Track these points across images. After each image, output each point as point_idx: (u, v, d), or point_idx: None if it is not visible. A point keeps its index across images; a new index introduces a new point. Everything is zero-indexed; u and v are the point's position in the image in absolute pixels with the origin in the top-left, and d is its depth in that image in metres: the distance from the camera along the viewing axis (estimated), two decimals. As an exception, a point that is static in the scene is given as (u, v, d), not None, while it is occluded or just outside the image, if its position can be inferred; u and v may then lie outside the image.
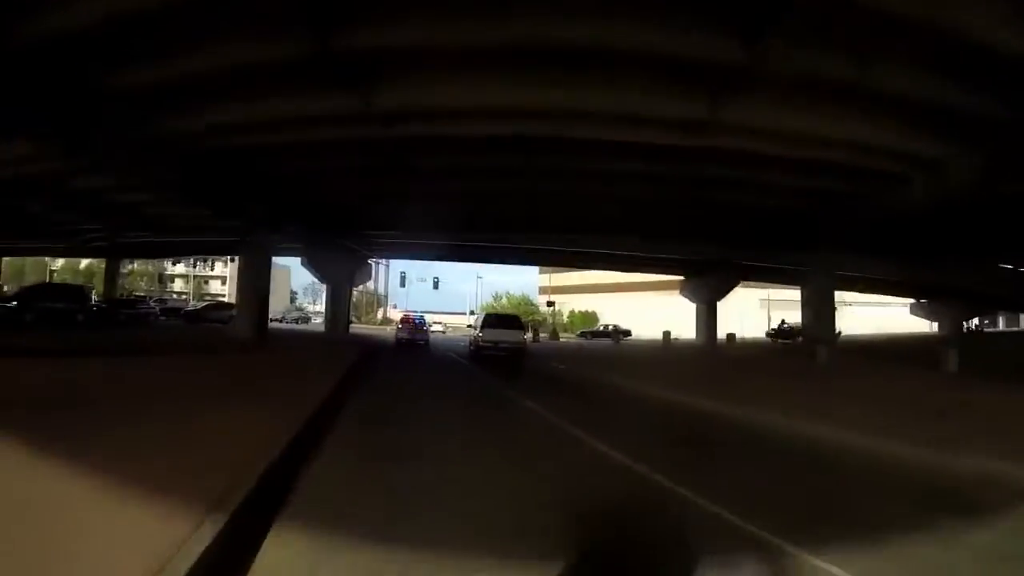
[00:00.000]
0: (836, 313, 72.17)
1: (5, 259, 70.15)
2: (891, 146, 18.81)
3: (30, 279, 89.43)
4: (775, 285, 60.78)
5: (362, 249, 42.23)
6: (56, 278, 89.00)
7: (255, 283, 28.78)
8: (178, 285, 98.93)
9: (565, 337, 63.35)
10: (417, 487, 6.29)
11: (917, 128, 17.41)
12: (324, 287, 46.93)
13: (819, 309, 31.56)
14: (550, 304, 66.15)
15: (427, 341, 39.14)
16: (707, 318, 46.55)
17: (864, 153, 19.38)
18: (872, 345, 43.23)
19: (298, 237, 36.10)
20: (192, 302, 67.46)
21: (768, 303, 70.66)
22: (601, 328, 65.29)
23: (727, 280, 45.09)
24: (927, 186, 20.66)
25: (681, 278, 50.68)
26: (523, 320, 35.86)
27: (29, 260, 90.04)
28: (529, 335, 40.97)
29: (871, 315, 75.53)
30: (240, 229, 29.15)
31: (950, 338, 31.56)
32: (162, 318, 45.63)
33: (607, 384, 18.22)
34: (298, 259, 44.12)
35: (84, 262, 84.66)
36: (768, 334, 57.32)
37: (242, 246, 29.98)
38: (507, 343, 27.26)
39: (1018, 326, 76.38)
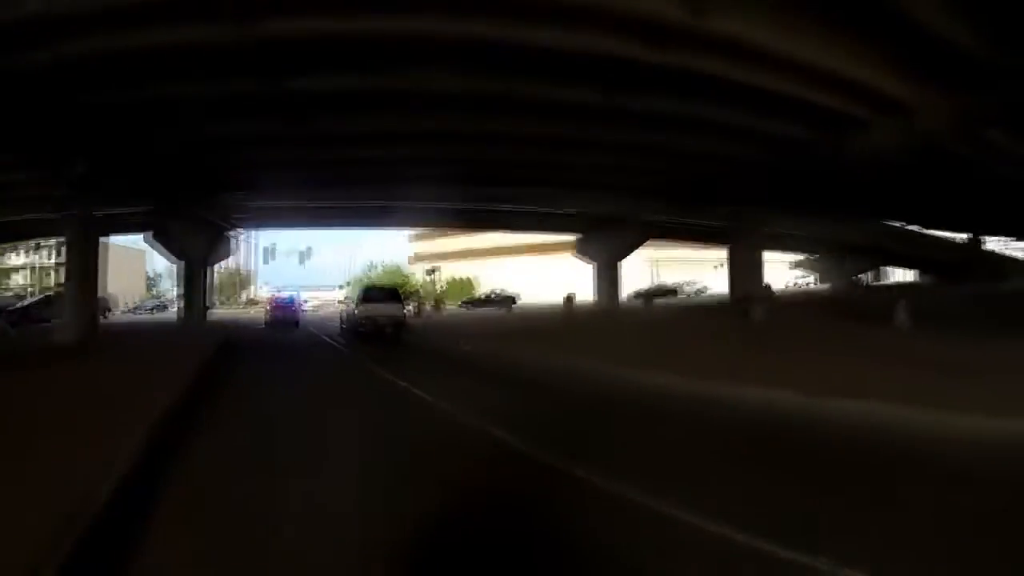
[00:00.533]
0: (718, 271, 73.28)
1: None
2: (863, 80, 16.43)
3: None
4: (683, 243, 59.44)
5: (219, 220, 36.19)
6: None
7: (78, 268, 23.36)
8: (20, 278, 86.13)
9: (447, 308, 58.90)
10: None
11: (897, 62, 15.65)
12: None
13: (747, 267, 29.51)
14: (430, 272, 61.68)
15: (298, 322, 37.03)
16: (607, 279, 42.81)
17: (829, 88, 16.94)
18: (791, 301, 41.95)
19: (137, 204, 29.73)
20: (28, 299, 56.84)
21: (655, 263, 68.94)
22: (484, 296, 61.45)
23: (632, 237, 41.50)
24: (886, 133, 18.90)
25: (574, 237, 47.69)
26: (401, 292, 32.18)
27: None
28: (410, 308, 37.90)
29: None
30: (60, 198, 23.57)
31: (872, 289, 30.43)
32: None
33: (550, 368, 13.64)
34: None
35: None
36: (636, 295, 55.64)
37: (63, 220, 24.15)
38: (386, 318, 24.89)
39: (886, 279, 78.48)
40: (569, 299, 35.44)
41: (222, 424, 8.74)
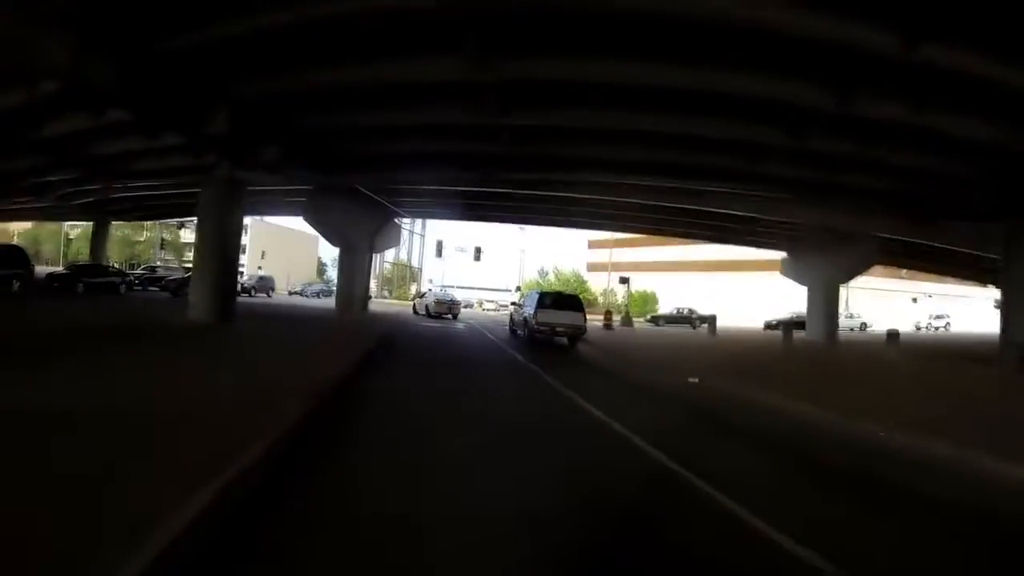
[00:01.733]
0: (914, 305, 64.19)
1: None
2: None
3: (46, 247, 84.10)
4: (919, 271, 51.57)
5: (386, 202, 32.90)
6: (73, 246, 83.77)
7: (215, 238, 19.87)
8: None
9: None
10: None
11: None
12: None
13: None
14: (623, 281, 55.75)
15: (456, 315, 42.01)
16: (825, 305, 35.77)
17: None
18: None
19: (293, 176, 25.59)
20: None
21: (848, 289, 60.63)
22: (676, 312, 55.28)
23: (859, 257, 34.19)
24: None
25: (777, 255, 41.20)
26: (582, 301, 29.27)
27: (45, 229, 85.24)
28: (593, 319, 33.06)
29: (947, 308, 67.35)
30: (205, 165, 20.23)
31: None
32: (137, 288, 38.43)
33: (883, 451, 7.92)
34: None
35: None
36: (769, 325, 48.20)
37: (203, 182, 20.65)
38: (565, 326, 24.01)
39: None
40: (789, 328, 28.50)
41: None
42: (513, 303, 36.76)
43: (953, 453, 7.28)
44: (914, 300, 66.42)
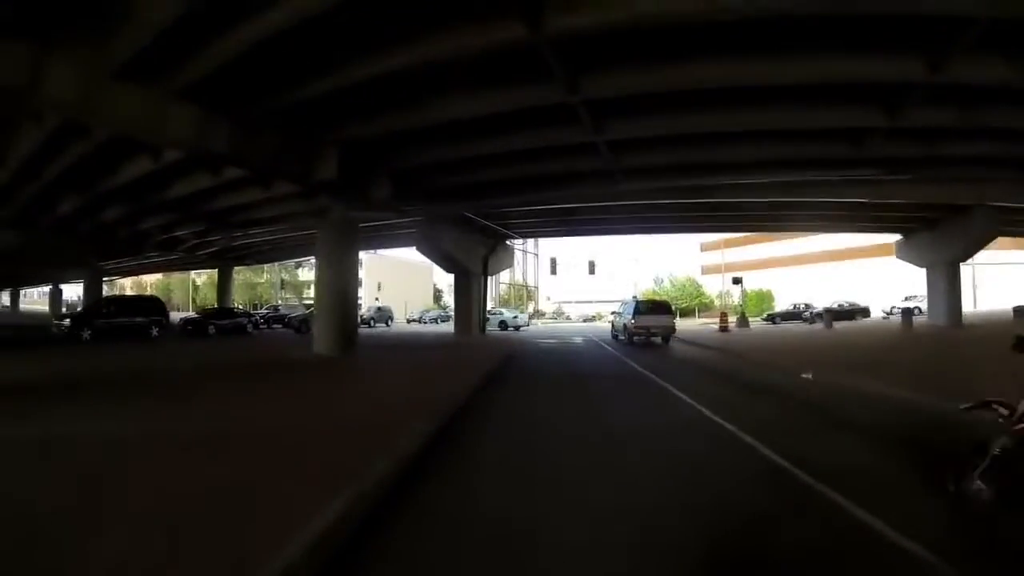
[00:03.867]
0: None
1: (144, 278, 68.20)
2: None
3: (176, 295, 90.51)
4: None
5: (497, 225, 33.84)
6: (200, 293, 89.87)
7: (334, 275, 21.05)
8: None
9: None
10: None
11: None
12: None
13: None
14: (736, 281, 54.30)
15: (518, 328, 47.85)
16: (946, 286, 33.62)
17: None
18: None
19: (402, 210, 26.30)
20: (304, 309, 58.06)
21: (973, 267, 55.37)
22: (793, 308, 53.09)
23: (979, 231, 31.09)
24: None
25: (896, 237, 39.24)
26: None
27: (174, 278, 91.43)
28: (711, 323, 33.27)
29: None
30: (318, 209, 21.76)
31: None
32: (263, 327, 40.82)
33: None
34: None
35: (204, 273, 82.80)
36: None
37: (319, 225, 22.07)
38: (658, 328, 28.50)
39: None
40: (908, 314, 27.22)
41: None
42: (613, 312, 38.72)
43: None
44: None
